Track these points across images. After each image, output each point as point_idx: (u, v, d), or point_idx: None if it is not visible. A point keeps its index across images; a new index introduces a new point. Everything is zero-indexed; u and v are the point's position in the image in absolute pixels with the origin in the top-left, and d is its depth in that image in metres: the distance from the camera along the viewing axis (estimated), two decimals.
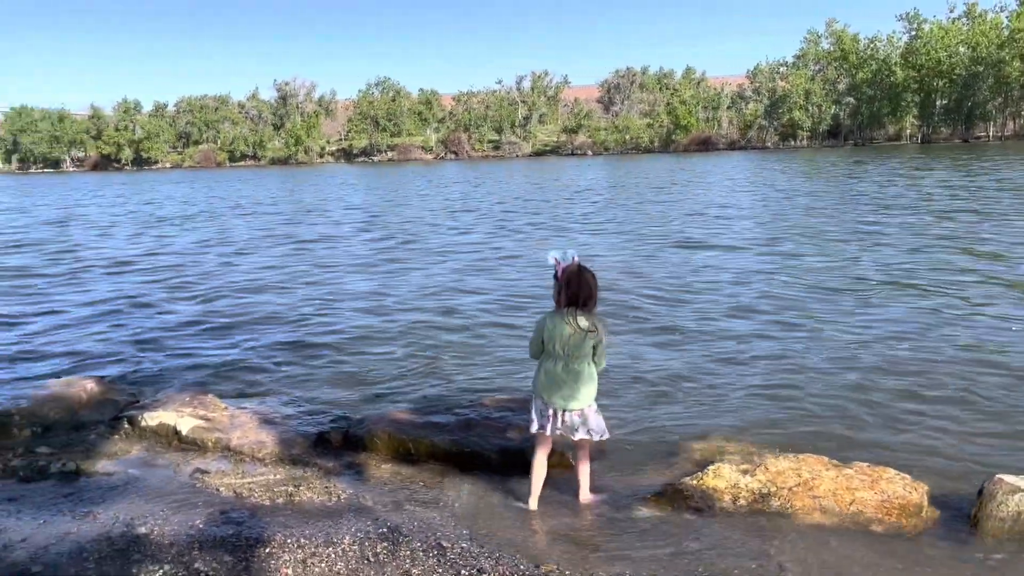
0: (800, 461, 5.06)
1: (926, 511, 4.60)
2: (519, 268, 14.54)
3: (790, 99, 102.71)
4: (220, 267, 16.16)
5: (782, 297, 10.88)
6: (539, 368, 4.77)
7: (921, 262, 13.11)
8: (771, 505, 4.68)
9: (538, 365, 4.78)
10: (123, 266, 16.57)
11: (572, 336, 4.58)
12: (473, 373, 7.85)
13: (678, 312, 10.25)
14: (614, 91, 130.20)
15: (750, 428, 6.16)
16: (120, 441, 6.03)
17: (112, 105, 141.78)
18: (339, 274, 14.62)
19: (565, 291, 4.60)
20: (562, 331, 4.60)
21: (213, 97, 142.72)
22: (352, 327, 10.04)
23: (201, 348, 9.19)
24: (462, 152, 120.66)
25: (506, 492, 5.10)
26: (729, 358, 8.04)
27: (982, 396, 6.63)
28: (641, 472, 5.36)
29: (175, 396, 6.75)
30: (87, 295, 13.11)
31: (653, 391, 7.09)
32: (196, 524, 4.49)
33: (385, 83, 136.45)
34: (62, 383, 6.86)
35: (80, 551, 4.15)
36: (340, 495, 5.02)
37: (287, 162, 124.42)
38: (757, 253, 15.14)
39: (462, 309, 10.94)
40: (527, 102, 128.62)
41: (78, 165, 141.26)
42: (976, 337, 8.39)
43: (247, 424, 6.19)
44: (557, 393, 4.66)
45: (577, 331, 4.56)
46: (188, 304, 12.08)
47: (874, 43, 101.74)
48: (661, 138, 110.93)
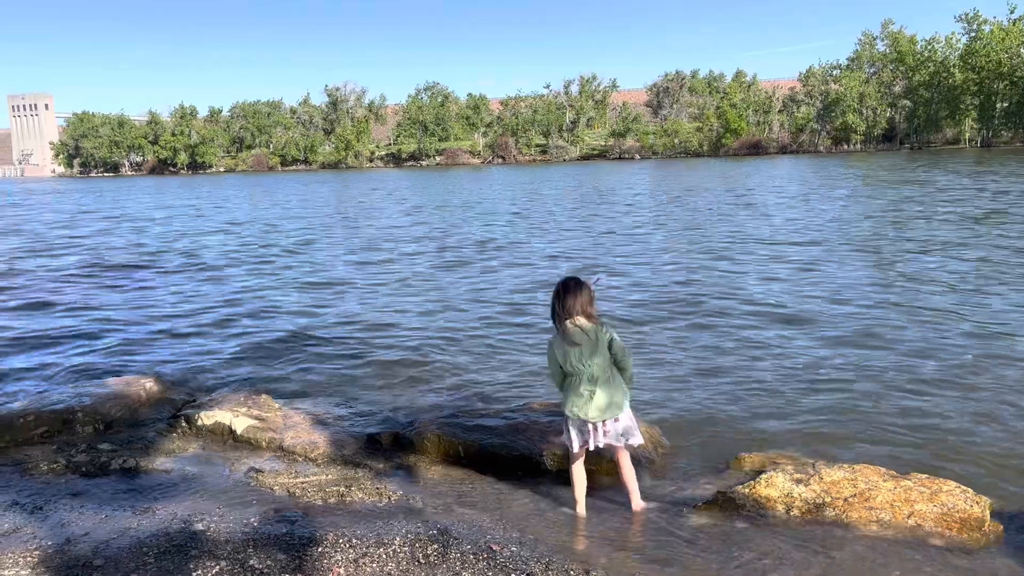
0: (856, 471, 4.96)
1: (988, 525, 4.47)
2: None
3: (843, 102, 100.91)
4: (282, 270, 16.44)
5: (839, 307, 10.68)
6: (567, 392, 4.70)
7: (998, 277, 12.76)
8: (825, 516, 4.60)
9: (565, 391, 4.73)
10: (191, 266, 16.98)
11: (582, 344, 4.54)
12: (523, 378, 7.86)
13: (733, 321, 10.13)
14: (663, 94, 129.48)
15: (804, 437, 6.06)
16: (177, 439, 6.17)
17: (169, 111, 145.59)
18: (399, 276, 14.77)
19: (557, 310, 4.61)
20: (571, 344, 4.57)
21: (266, 103, 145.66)
22: (403, 331, 10.13)
23: (255, 348, 9.35)
24: (509, 156, 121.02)
25: (556, 497, 5.09)
26: (784, 367, 7.92)
27: None
28: (693, 480, 5.31)
29: (230, 396, 6.89)
30: (143, 291, 13.45)
31: (705, 399, 7.02)
32: (251, 522, 4.57)
33: (434, 88, 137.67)
34: (122, 382, 7.05)
35: (140, 546, 4.25)
36: (391, 496, 5.06)
37: (337, 166, 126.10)
38: (827, 262, 14.89)
39: (516, 313, 10.96)
40: (575, 106, 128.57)
41: (136, 169, 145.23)
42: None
43: (300, 424, 6.29)
44: (592, 406, 4.61)
45: (582, 334, 4.52)
46: (245, 306, 12.31)
47: (931, 44, 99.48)
48: (710, 142, 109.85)
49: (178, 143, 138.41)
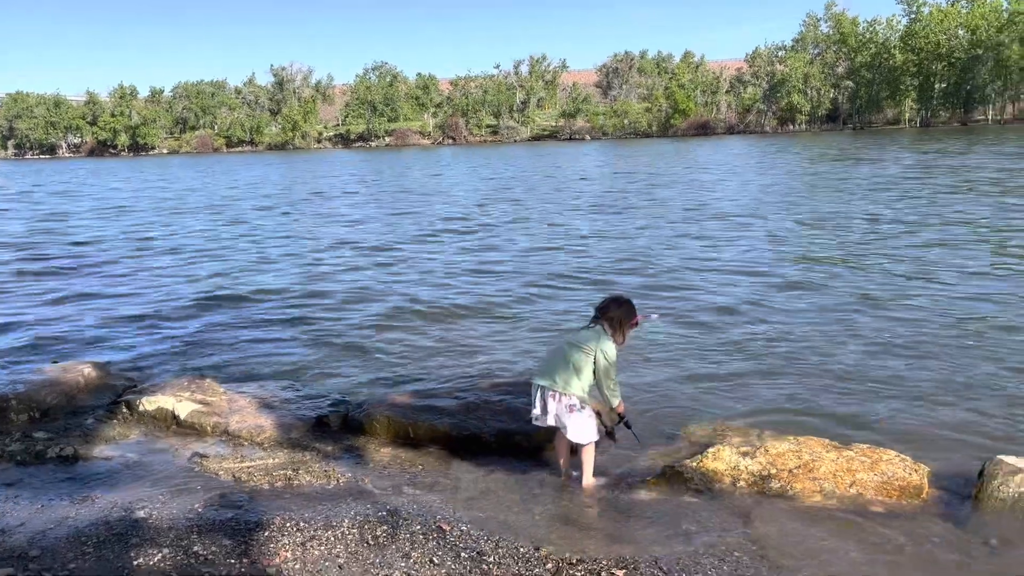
0: (800, 443, 5.05)
1: (927, 492, 4.60)
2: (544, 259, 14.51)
3: (789, 83, 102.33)
4: (225, 251, 16.11)
5: (784, 283, 10.86)
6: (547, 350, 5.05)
7: (928, 247, 13.09)
8: (771, 487, 4.67)
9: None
10: (133, 250, 16.52)
11: (581, 338, 4.75)
12: (475, 357, 7.84)
13: (679, 298, 10.23)
14: (612, 75, 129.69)
15: (751, 411, 6.16)
16: (118, 426, 6.01)
17: (108, 91, 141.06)
18: (343, 258, 14.59)
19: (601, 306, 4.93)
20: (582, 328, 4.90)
21: (210, 83, 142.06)
22: (353, 312, 10.01)
23: (200, 333, 9.15)
24: (460, 137, 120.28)
25: (506, 474, 5.09)
26: (729, 342, 8.03)
27: (982, 379, 6.63)
28: (642, 455, 5.35)
29: (173, 381, 6.73)
30: (87, 282, 13.07)
31: (654, 375, 7.08)
32: (195, 508, 4.47)
33: (382, 68, 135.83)
34: (59, 368, 6.83)
35: (78, 535, 4.12)
36: (339, 479, 5.00)
37: (284, 147, 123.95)
38: (761, 240, 15.10)
39: (467, 294, 10.91)
40: (525, 87, 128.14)
41: (74, 151, 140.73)
42: (977, 321, 8.38)
43: (246, 408, 6.17)
44: (541, 370, 4.83)
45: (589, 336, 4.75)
46: (188, 290, 12.03)
47: (873, 26, 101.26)
48: (659, 122, 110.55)
49: (118, 124, 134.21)
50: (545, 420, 4.75)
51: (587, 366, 4.67)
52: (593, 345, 4.66)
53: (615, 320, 4.77)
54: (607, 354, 4.68)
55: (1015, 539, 4.07)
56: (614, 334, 4.75)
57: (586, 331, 4.77)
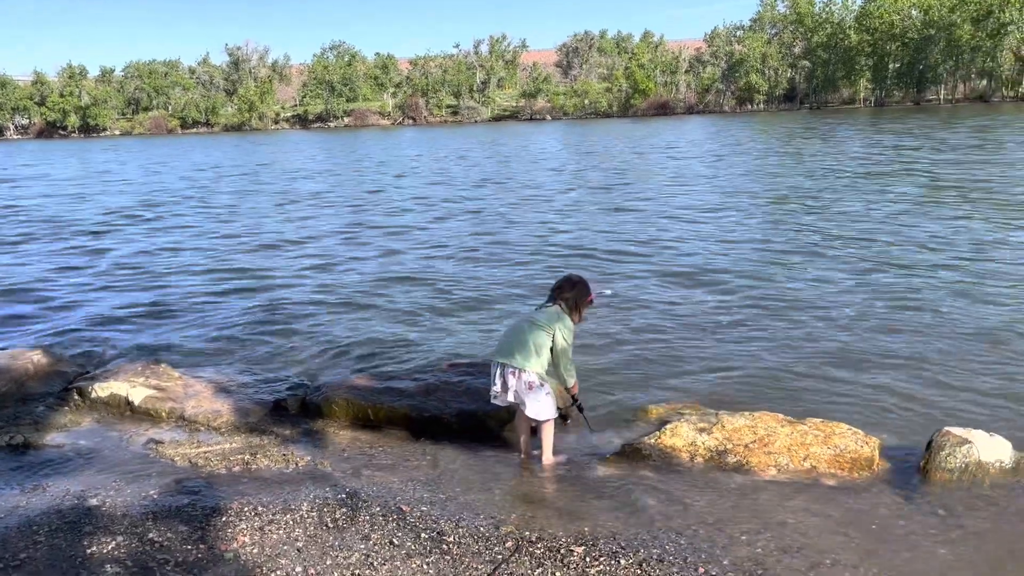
0: (756, 419, 5.13)
1: (878, 464, 4.70)
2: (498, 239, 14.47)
3: (747, 63, 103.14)
4: (175, 236, 15.81)
5: (736, 261, 10.98)
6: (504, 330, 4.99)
7: (875, 226, 13.32)
8: (727, 462, 4.75)
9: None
10: (78, 234, 16.13)
11: (539, 319, 4.74)
12: (435, 339, 7.82)
13: (637, 277, 10.30)
14: (572, 55, 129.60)
15: (707, 389, 6.24)
16: (70, 413, 5.89)
17: (56, 70, 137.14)
18: (300, 240, 14.41)
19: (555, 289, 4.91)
20: (536, 310, 4.87)
21: (163, 62, 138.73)
22: (311, 294, 9.91)
23: (153, 317, 8.99)
24: (420, 118, 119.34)
25: (467, 455, 5.10)
26: (685, 322, 8.11)
27: (931, 352, 6.79)
28: (601, 433, 5.39)
29: (127, 366, 6.61)
30: (34, 266, 12.75)
31: (611, 354, 7.13)
32: (150, 495, 4.41)
33: (340, 47, 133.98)
34: (7, 355, 6.67)
35: (29, 524, 4.05)
36: (298, 462, 4.97)
37: (241, 128, 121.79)
38: (713, 218, 15.25)
39: (424, 277, 10.86)
40: (485, 67, 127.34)
41: (22, 133, 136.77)
42: (921, 295, 8.56)
43: (202, 393, 6.09)
44: (500, 348, 4.80)
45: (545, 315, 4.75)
46: (139, 273, 11.80)
47: (829, 6, 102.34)
48: (619, 102, 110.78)
49: (67, 104, 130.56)
50: (505, 398, 4.75)
51: (546, 345, 4.68)
52: (552, 325, 4.68)
53: (571, 300, 4.79)
54: (565, 334, 4.69)
55: (960, 509, 4.18)
56: (571, 313, 4.78)
57: (544, 311, 4.78)
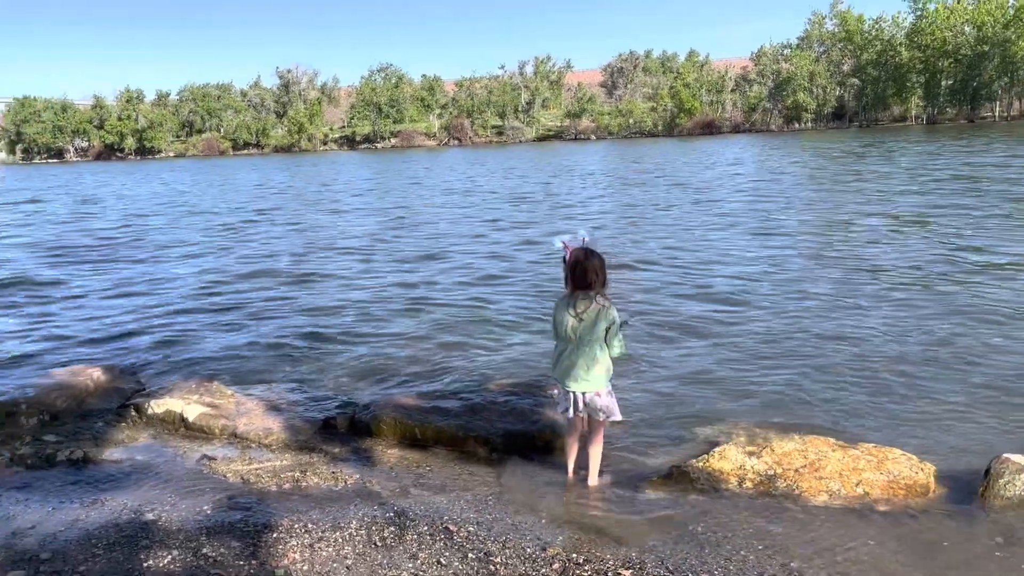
0: (806, 442, 5.06)
1: (933, 491, 4.60)
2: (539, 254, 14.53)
3: (794, 81, 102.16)
4: (226, 254, 16.16)
5: (788, 281, 10.85)
6: (555, 357, 4.83)
7: (937, 252, 13.06)
8: (777, 487, 4.68)
9: (554, 353, 4.85)
10: (142, 251, 16.59)
11: (584, 320, 4.61)
12: (480, 358, 7.85)
13: (684, 298, 10.23)
14: (617, 75, 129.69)
15: (756, 411, 6.16)
16: (127, 429, 6.05)
17: (115, 94, 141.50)
18: (340, 259, 14.62)
19: (570, 275, 4.62)
20: (570, 316, 4.65)
21: (216, 85, 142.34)
22: (358, 313, 10.04)
23: (206, 335, 9.19)
24: (465, 138, 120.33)
25: (513, 475, 5.11)
26: (737, 341, 8.03)
27: (988, 377, 6.62)
28: (648, 455, 5.36)
29: (181, 383, 6.77)
30: (100, 281, 13.13)
31: (659, 375, 7.08)
32: (204, 510, 4.51)
33: (387, 69, 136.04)
34: (68, 372, 6.88)
35: (88, 538, 4.16)
36: (347, 480, 5.03)
37: (290, 150, 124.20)
38: (764, 237, 15.09)
39: (472, 294, 10.94)
40: (530, 87, 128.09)
41: (82, 155, 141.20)
42: (979, 319, 8.36)
43: (253, 411, 6.21)
44: (569, 376, 4.72)
45: (588, 311, 4.58)
46: (195, 290, 12.08)
47: (879, 23, 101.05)
48: (665, 122, 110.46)
49: (125, 128, 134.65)
50: (575, 413, 4.78)
51: (604, 351, 4.65)
52: (603, 326, 4.59)
53: (603, 281, 4.61)
54: (615, 322, 4.61)
55: (1021, 537, 4.07)
56: (604, 296, 4.64)
57: (591, 320, 4.59)
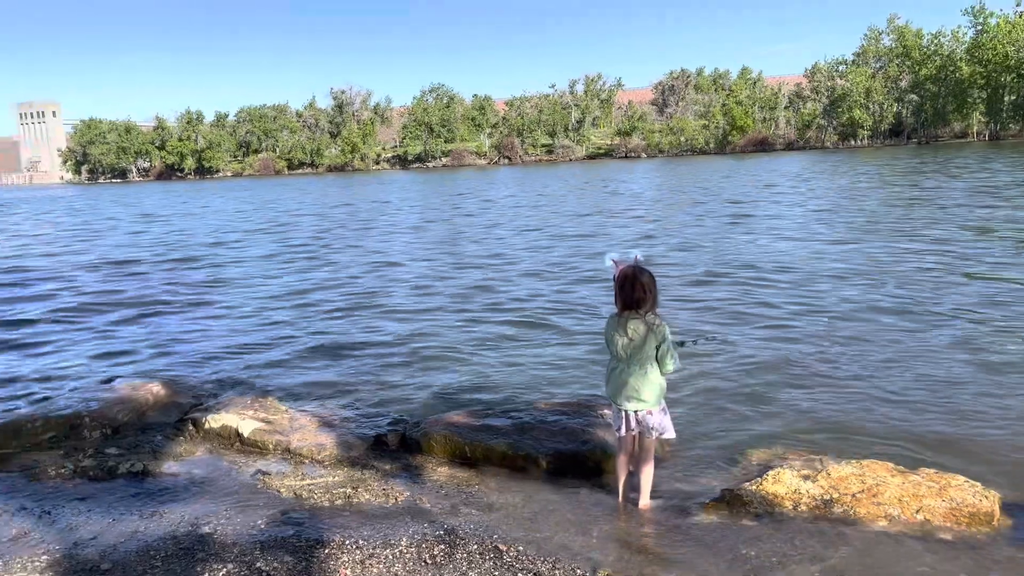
0: (864, 467, 4.94)
1: (998, 520, 4.44)
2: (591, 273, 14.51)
3: (849, 97, 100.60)
4: (286, 272, 16.48)
5: (846, 300, 10.63)
6: (608, 375, 4.82)
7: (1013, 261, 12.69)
8: (833, 512, 4.57)
9: (607, 371, 4.84)
10: (189, 264, 17.02)
11: (634, 339, 4.59)
12: (530, 376, 7.86)
13: (737, 316, 10.10)
14: (668, 93, 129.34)
15: (810, 433, 6.03)
16: (185, 442, 6.19)
17: (176, 116, 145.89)
18: (395, 278, 14.79)
19: (619, 294, 4.61)
20: (619, 336, 4.63)
21: (272, 106, 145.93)
22: (410, 329, 10.13)
23: (261, 351, 9.36)
24: (515, 157, 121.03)
25: (563, 495, 5.08)
26: (790, 362, 7.89)
27: None
28: (700, 477, 5.29)
29: (237, 399, 6.90)
30: (151, 294, 13.49)
31: (711, 395, 6.99)
32: (258, 524, 4.58)
33: (439, 90, 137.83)
34: (129, 386, 7.07)
35: (147, 549, 4.26)
36: (398, 497, 5.06)
37: (343, 169, 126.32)
38: (827, 254, 14.84)
39: (522, 311, 10.96)
40: (580, 106, 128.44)
41: (144, 175, 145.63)
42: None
43: (307, 426, 6.29)
44: (621, 395, 4.71)
45: (637, 331, 4.56)
46: (249, 306, 12.33)
47: (938, 38, 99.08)
48: (717, 139, 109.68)
49: (185, 148, 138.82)
50: (626, 431, 4.76)
51: (655, 369, 4.63)
52: (653, 344, 4.56)
53: (651, 304, 4.58)
54: (665, 340, 4.57)
55: None
56: (655, 310, 4.61)
57: (641, 338, 4.57)
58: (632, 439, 4.85)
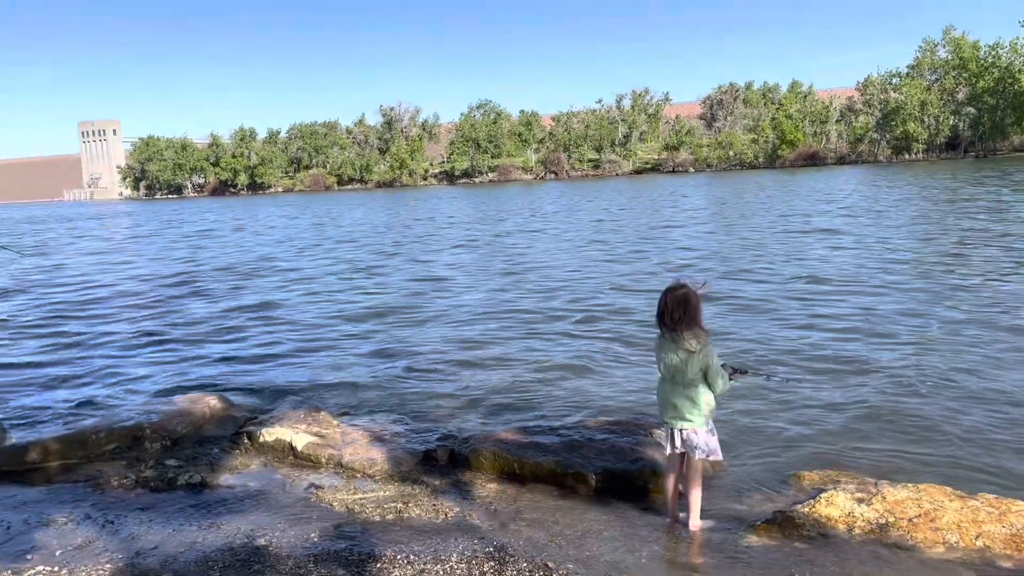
0: (920, 491, 4.84)
1: None
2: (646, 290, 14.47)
3: (904, 110, 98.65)
4: (341, 291, 16.73)
5: (900, 321, 10.43)
6: (658, 392, 4.84)
7: None
8: (889, 536, 4.49)
9: (657, 389, 4.86)
10: (246, 278, 17.38)
11: (677, 359, 4.57)
12: (580, 393, 7.86)
13: (787, 335, 9.98)
14: (716, 107, 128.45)
15: (864, 456, 5.94)
16: (240, 455, 6.33)
17: (230, 133, 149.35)
18: (451, 290, 14.91)
19: (660, 314, 4.61)
20: (663, 354, 4.65)
21: (323, 123, 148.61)
22: (460, 345, 10.21)
23: (314, 366, 9.53)
24: (561, 172, 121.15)
25: (611, 514, 5.08)
26: (841, 383, 7.77)
27: None
28: (750, 498, 5.24)
29: (291, 413, 7.04)
30: (208, 308, 13.82)
31: (761, 415, 6.92)
32: (311, 537, 4.67)
33: (486, 106, 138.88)
34: (187, 399, 7.26)
35: (206, 560, 4.38)
36: (447, 513, 5.11)
37: (392, 185, 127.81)
38: (878, 277, 14.57)
39: (574, 329, 10.97)
40: (627, 120, 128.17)
41: (198, 190, 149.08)
42: None
43: (358, 441, 6.39)
44: (667, 412, 4.72)
45: (679, 351, 4.55)
46: (304, 325, 12.55)
47: (995, 50, 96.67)
48: (766, 153, 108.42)
49: (238, 164, 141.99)
50: (672, 449, 4.76)
51: (704, 391, 4.61)
52: (697, 366, 4.53)
53: (691, 324, 4.51)
54: (711, 366, 4.53)
55: None
56: (698, 332, 4.53)
57: (683, 357, 4.53)
58: (680, 458, 4.83)
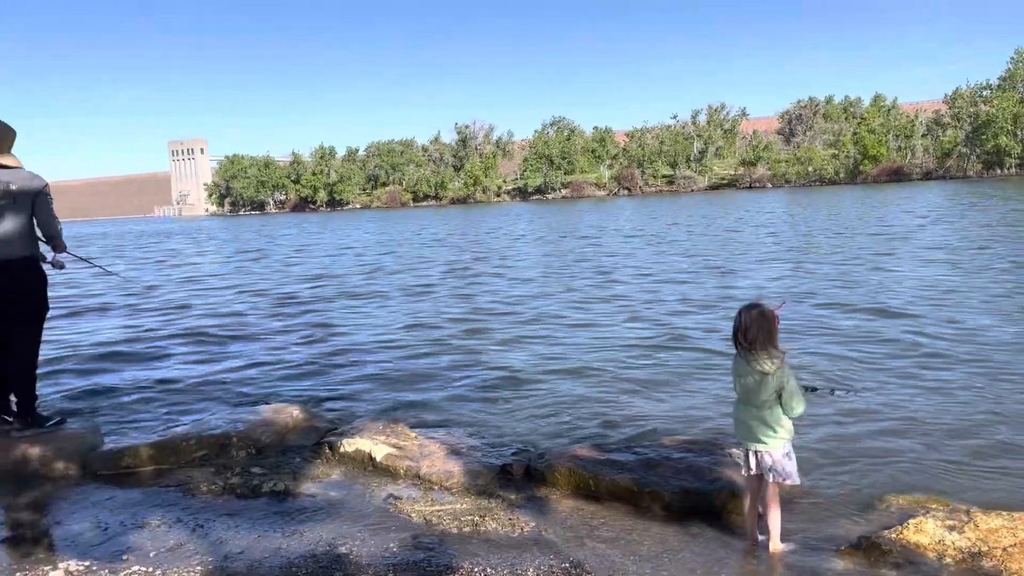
0: (1015, 519, 4.65)
1: None
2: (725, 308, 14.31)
3: (995, 124, 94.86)
4: (424, 301, 17.02)
5: (992, 342, 10.03)
6: (733, 411, 4.80)
7: None
8: (982, 566, 4.33)
9: (734, 408, 4.83)
10: (319, 285, 17.84)
11: (751, 380, 4.53)
12: (658, 411, 7.81)
13: (876, 355, 9.70)
14: (795, 122, 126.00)
15: (954, 481, 5.73)
16: (321, 465, 6.49)
17: (310, 151, 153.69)
18: (530, 305, 15.00)
19: (735, 334, 4.58)
20: (738, 374, 4.62)
21: (399, 141, 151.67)
22: (537, 359, 10.26)
23: (393, 378, 9.70)
24: (635, 188, 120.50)
25: (688, 534, 5.03)
26: (930, 402, 7.51)
27: None
28: (834, 523, 5.11)
29: (370, 424, 7.19)
30: (293, 321, 14.23)
31: (844, 438, 6.74)
32: (390, 548, 4.76)
33: (560, 122, 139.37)
34: (272, 409, 7.49)
35: (290, 566, 4.51)
36: (523, 527, 5.14)
37: (465, 201, 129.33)
38: (973, 297, 14.05)
39: (655, 345, 10.91)
40: (703, 136, 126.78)
41: (280, 207, 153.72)
42: None
43: (435, 453, 6.48)
44: (742, 433, 4.68)
45: (753, 372, 4.50)
46: (385, 336, 12.80)
47: None
48: (847, 169, 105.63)
49: (318, 182, 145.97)
50: (747, 471, 4.72)
51: (779, 412, 4.52)
52: (771, 387, 4.45)
53: (765, 345, 4.44)
54: (786, 388, 4.44)
55: None
56: (773, 352, 4.46)
57: (756, 378, 4.48)
58: (758, 480, 4.75)
